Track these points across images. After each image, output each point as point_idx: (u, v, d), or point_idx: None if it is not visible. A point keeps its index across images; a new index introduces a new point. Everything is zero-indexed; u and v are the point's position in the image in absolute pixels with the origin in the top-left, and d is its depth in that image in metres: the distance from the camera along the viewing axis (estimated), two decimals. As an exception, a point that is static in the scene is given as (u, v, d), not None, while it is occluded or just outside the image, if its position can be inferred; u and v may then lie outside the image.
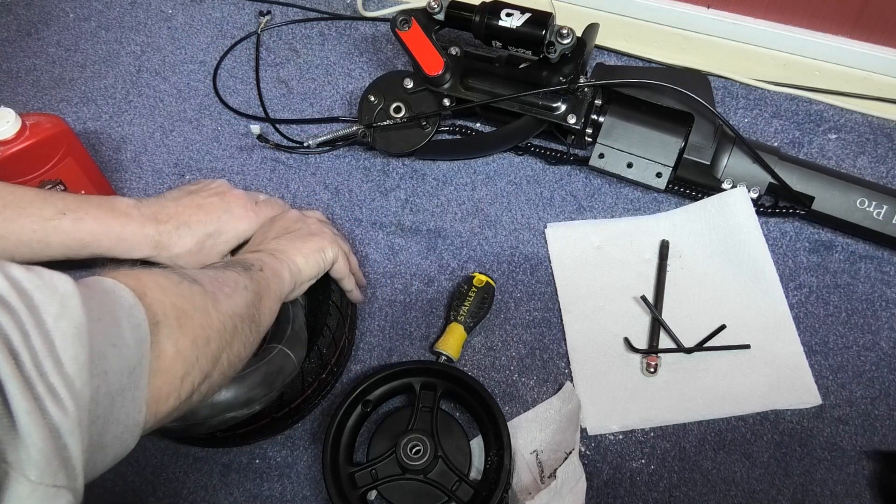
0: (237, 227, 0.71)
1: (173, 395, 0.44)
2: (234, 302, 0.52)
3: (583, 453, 0.72)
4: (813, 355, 0.76)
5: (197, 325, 0.46)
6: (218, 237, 0.70)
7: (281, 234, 0.68)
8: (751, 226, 0.82)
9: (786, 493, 0.70)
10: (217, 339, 0.48)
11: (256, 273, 0.58)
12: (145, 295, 0.43)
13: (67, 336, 0.35)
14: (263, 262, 0.60)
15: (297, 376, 0.67)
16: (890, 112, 0.92)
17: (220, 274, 0.54)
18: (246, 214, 0.72)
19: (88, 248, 0.66)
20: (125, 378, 0.39)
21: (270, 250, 0.64)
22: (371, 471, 0.69)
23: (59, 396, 0.33)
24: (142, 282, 0.44)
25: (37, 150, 0.75)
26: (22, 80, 1.02)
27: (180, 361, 0.44)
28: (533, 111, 0.85)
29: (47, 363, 0.33)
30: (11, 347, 0.32)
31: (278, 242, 0.66)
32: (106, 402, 0.37)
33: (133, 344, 0.40)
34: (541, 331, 0.80)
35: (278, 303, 0.61)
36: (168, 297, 0.45)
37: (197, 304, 0.47)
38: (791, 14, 0.90)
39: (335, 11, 1.07)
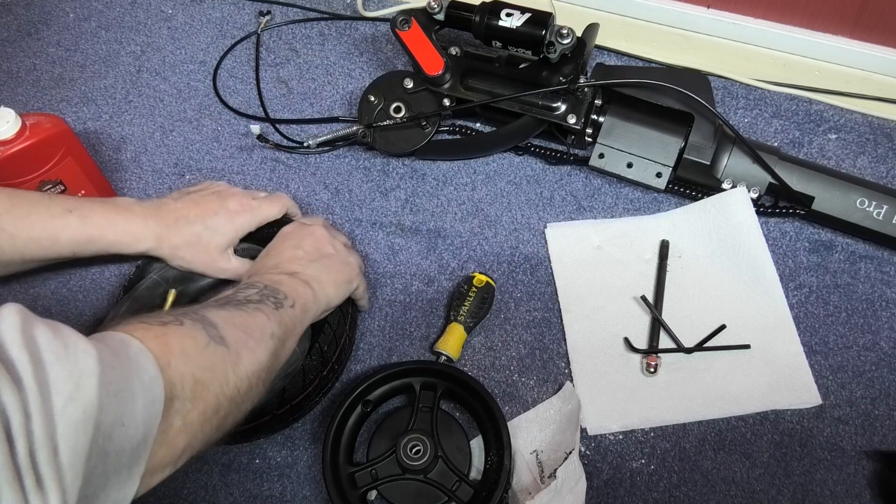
0: (234, 221, 0.72)
1: (169, 465, 0.43)
2: (257, 358, 0.52)
3: (583, 453, 0.72)
4: (813, 355, 0.76)
5: (211, 395, 0.46)
6: (215, 230, 0.72)
7: (316, 258, 0.68)
8: (751, 226, 0.82)
9: (786, 493, 0.70)
10: (227, 405, 0.48)
11: (287, 312, 0.58)
12: (168, 365, 0.43)
13: (71, 422, 0.34)
14: (298, 293, 0.61)
15: (298, 374, 0.68)
16: (890, 112, 0.92)
17: (251, 320, 0.53)
18: (243, 210, 0.73)
19: (95, 242, 0.68)
20: (125, 457, 0.39)
21: (306, 278, 0.64)
22: (371, 471, 0.69)
23: (46, 491, 0.32)
24: (169, 347, 0.44)
25: (37, 150, 0.75)
26: (22, 80, 1.02)
27: (184, 435, 0.44)
28: (533, 111, 0.85)
29: (42, 453, 0.33)
30: (9, 433, 0.32)
31: (315, 269, 0.66)
32: (100, 481, 0.37)
33: (142, 422, 0.40)
34: (541, 331, 0.80)
35: (298, 338, 0.61)
36: (189, 367, 0.45)
37: (217, 372, 0.47)
38: (791, 14, 0.90)
39: (335, 11, 1.07)
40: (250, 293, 0.58)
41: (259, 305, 0.56)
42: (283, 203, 0.77)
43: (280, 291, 0.59)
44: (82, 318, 0.82)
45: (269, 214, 0.75)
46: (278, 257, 0.68)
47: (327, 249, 0.70)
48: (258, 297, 0.57)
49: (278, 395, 0.67)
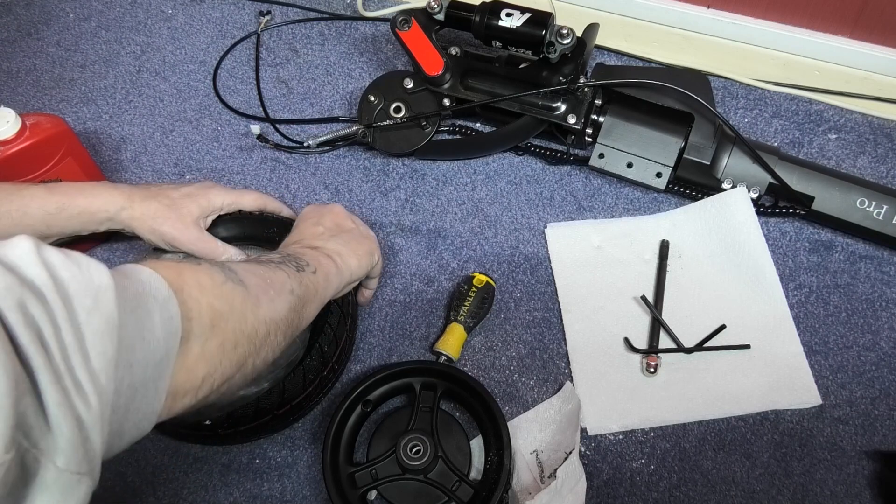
0: (208, 194, 0.74)
1: (190, 393, 0.44)
2: (276, 307, 0.52)
3: (583, 453, 0.72)
4: (813, 355, 0.76)
5: (229, 329, 0.46)
6: (189, 197, 0.73)
7: (336, 233, 0.69)
8: (751, 226, 0.82)
9: (786, 493, 0.70)
10: (246, 344, 0.48)
11: (308, 276, 0.58)
12: (182, 290, 0.44)
13: (97, 331, 0.35)
14: (320, 263, 0.61)
15: (298, 373, 0.68)
16: (890, 112, 0.92)
17: (271, 274, 0.54)
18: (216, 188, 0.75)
19: (66, 210, 0.68)
20: (150, 370, 0.40)
21: (329, 250, 0.65)
22: (371, 471, 0.69)
23: (85, 391, 0.34)
24: (182, 277, 0.45)
25: (37, 150, 0.75)
26: (22, 80, 1.02)
27: (203, 363, 0.44)
28: (533, 111, 0.85)
29: (76, 358, 0.34)
30: (43, 340, 0.33)
31: (336, 243, 0.67)
32: (129, 393, 0.38)
33: (162, 337, 0.41)
34: (541, 331, 0.80)
35: (321, 306, 0.61)
36: (205, 297, 0.45)
37: (235, 307, 0.47)
38: (791, 14, 0.90)
39: (335, 11, 1.07)
40: (272, 257, 0.59)
41: (280, 265, 0.56)
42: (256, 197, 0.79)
43: (302, 259, 0.60)
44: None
45: (245, 200, 0.77)
46: (300, 235, 0.69)
47: (347, 224, 0.71)
48: (279, 260, 0.58)
49: (278, 394, 0.67)
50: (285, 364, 0.68)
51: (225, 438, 0.71)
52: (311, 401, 0.72)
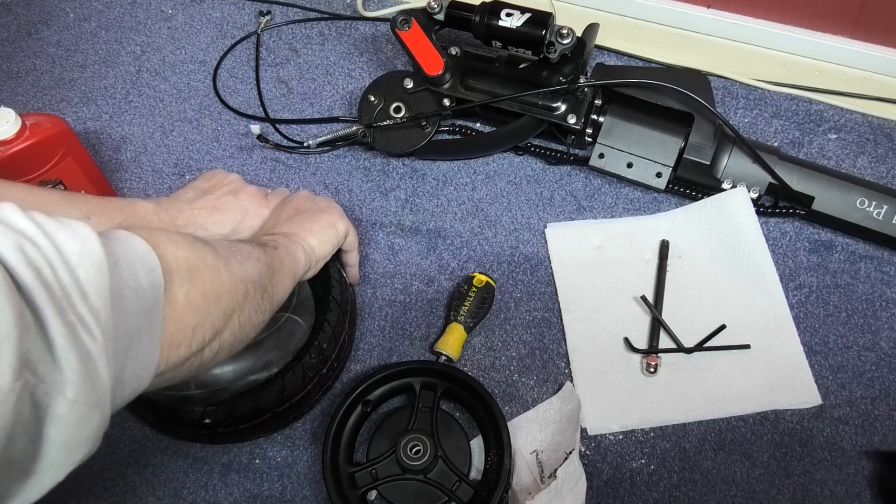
0: (253, 225, 0.72)
1: (184, 343, 0.45)
2: (246, 269, 0.53)
3: (583, 453, 0.72)
4: (813, 355, 0.76)
5: (208, 281, 0.47)
6: (234, 237, 0.71)
7: (292, 216, 0.69)
8: (751, 226, 0.82)
9: (786, 493, 0.70)
10: (228, 298, 0.49)
11: (270, 250, 0.59)
12: (157, 245, 0.44)
13: (90, 272, 0.36)
14: (278, 242, 0.62)
15: (297, 371, 0.68)
16: (890, 112, 0.92)
17: (233, 244, 0.55)
18: (260, 212, 0.73)
19: None
20: (142, 318, 0.40)
21: (283, 233, 0.65)
22: (371, 471, 0.69)
23: (88, 324, 0.35)
24: (155, 235, 0.46)
25: (37, 150, 0.75)
26: (22, 80, 1.02)
27: (192, 311, 0.45)
28: (533, 111, 0.85)
29: (75, 295, 0.35)
30: (43, 279, 0.33)
31: (290, 225, 0.67)
32: (125, 339, 0.38)
33: (148, 287, 0.41)
34: (541, 331, 0.80)
35: (293, 281, 0.61)
36: (181, 251, 0.46)
37: (209, 263, 0.48)
38: (791, 14, 0.90)
39: (335, 11, 1.07)
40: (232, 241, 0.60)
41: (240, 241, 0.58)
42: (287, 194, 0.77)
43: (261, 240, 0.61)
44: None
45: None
46: (261, 230, 0.70)
47: (304, 205, 0.71)
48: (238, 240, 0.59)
49: (277, 392, 0.67)
50: (293, 349, 0.69)
51: (224, 437, 0.71)
52: (310, 399, 0.72)
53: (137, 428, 0.75)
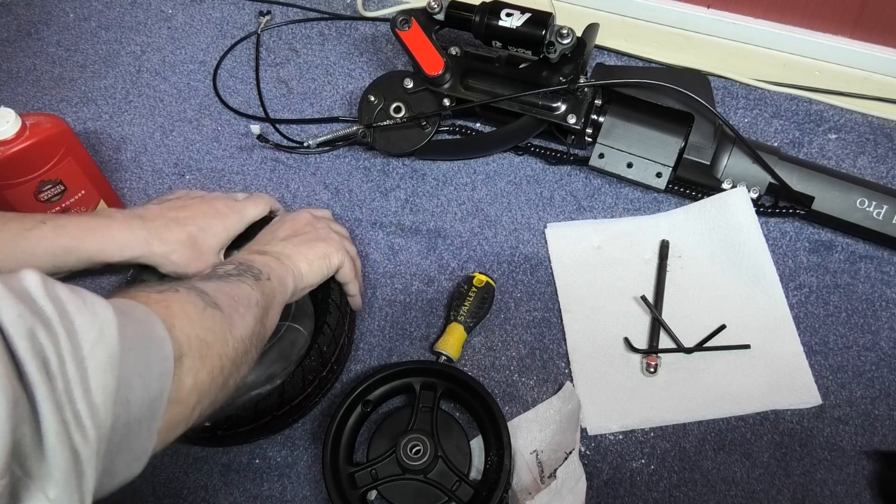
0: (224, 223, 0.72)
1: (183, 423, 0.45)
2: (247, 323, 0.53)
3: (583, 453, 0.72)
4: (813, 355, 0.76)
5: (215, 356, 0.47)
6: (207, 231, 0.71)
7: (289, 237, 0.69)
8: (751, 226, 0.82)
9: (786, 493, 0.70)
10: (230, 366, 0.49)
11: (265, 283, 0.58)
12: (174, 326, 0.44)
13: (100, 364, 0.36)
14: (270, 268, 0.61)
15: (297, 375, 0.68)
16: (890, 112, 0.92)
17: (236, 290, 0.54)
18: (230, 212, 0.73)
19: (74, 252, 0.65)
20: (145, 408, 0.40)
21: (276, 253, 0.65)
22: (371, 471, 0.69)
23: (84, 424, 0.34)
24: (172, 311, 0.46)
25: (37, 150, 0.75)
26: (22, 80, 1.02)
27: (196, 393, 0.45)
28: (533, 111, 0.85)
29: (77, 390, 0.34)
30: (48, 370, 0.33)
31: (285, 245, 0.67)
32: (123, 430, 0.38)
33: (157, 376, 0.41)
34: (541, 331, 0.80)
35: (280, 310, 0.61)
36: (194, 329, 0.46)
37: (217, 334, 0.48)
38: (791, 14, 0.90)
39: (335, 11, 1.07)
40: (228, 269, 0.59)
41: (240, 278, 0.57)
42: (265, 201, 0.77)
43: (254, 267, 0.60)
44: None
45: (255, 213, 0.76)
46: (257, 243, 0.70)
47: (303, 229, 0.70)
48: (237, 272, 0.58)
49: (278, 395, 0.67)
50: (296, 358, 0.68)
51: (224, 440, 0.71)
52: (310, 401, 0.72)
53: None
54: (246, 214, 0.75)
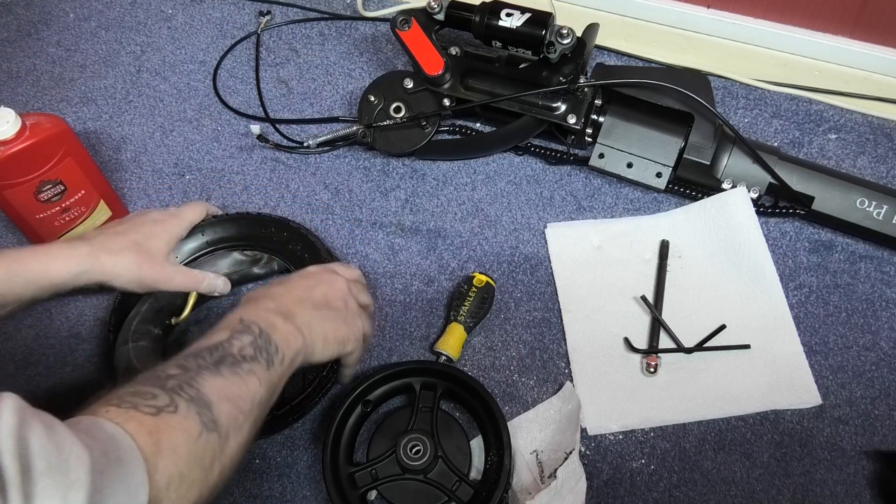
0: (164, 226, 0.71)
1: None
2: (243, 435, 0.51)
3: (583, 453, 0.72)
4: (813, 355, 0.76)
5: (195, 491, 0.46)
6: (150, 236, 0.70)
7: (321, 306, 0.64)
8: (751, 226, 0.82)
9: (786, 493, 0.70)
10: (209, 494, 0.48)
11: (276, 369, 0.56)
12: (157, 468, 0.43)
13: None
14: (288, 343, 0.58)
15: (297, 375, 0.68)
16: (890, 112, 0.92)
17: (243, 388, 0.52)
18: (168, 216, 0.73)
19: (19, 275, 0.62)
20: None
21: (300, 323, 0.61)
22: (371, 471, 0.69)
23: None
24: (160, 447, 0.44)
25: (37, 150, 0.75)
26: (22, 80, 1.02)
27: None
28: (533, 111, 0.85)
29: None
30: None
31: (312, 317, 0.63)
32: None
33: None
34: (541, 331, 0.80)
35: None
36: (178, 467, 0.45)
37: (205, 465, 0.47)
38: (791, 14, 0.90)
39: (335, 11, 1.07)
40: (245, 343, 0.56)
41: (253, 366, 0.54)
42: (202, 205, 0.78)
43: (272, 342, 0.57)
44: (83, 318, 0.82)
45: (193, 216, 0.77)
46: (288, 293, 0.64)
47: (336, 303, 0.66)
48: (253, 350, 0.55)
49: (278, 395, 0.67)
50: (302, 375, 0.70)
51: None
52: (310, 401, 0.72)
53: (137, 428, 0.75)
54: (184, 217, 0.75)
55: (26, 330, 0.82)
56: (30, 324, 0.82)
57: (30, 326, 0.82)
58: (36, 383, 0.78)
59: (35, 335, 0.81)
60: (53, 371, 0.79)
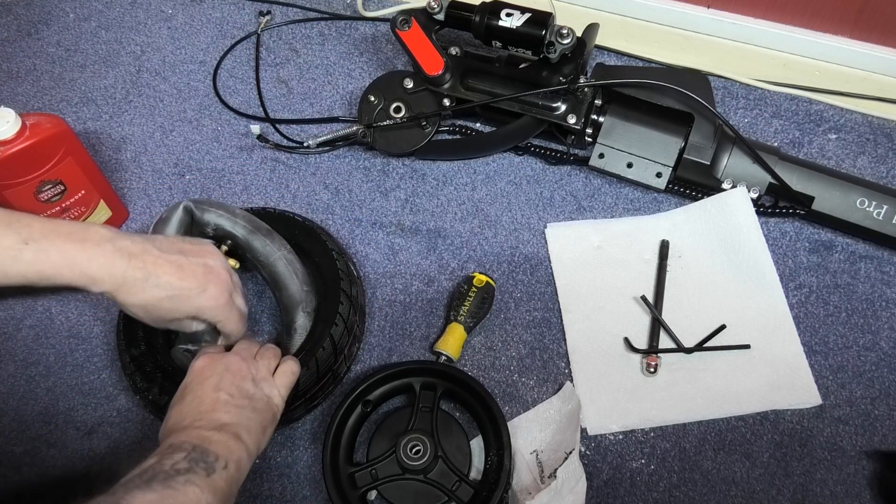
0: (201, 304, 0.64)
1: None
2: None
3: (583, 453, 0.72)
4: (813, 355, 0.76)
5: None
6: (178, 303, 0.63)
7: (241, 402, 0.61)
8: (751, 226, 0.82)
9: (786, 493, 0.70)
10: None
11: (220, 475, 0.54)
12: None
13: None
14: (230, 451, 0.56)
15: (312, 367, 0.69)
16: (890, 112, 0.92)
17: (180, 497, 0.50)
18: (217, 301, 0.64)
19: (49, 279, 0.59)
20: None
21: (236, 430, 0.58)
22: (371, 471, 0.69)
23: None
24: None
25: (37, 150, 0.75)
26: (22, 80, 1.02)
27: None
28: (533, 111, 0.85)
29: None
30: None
31: (243, 416, 0.60)
32: None
33: None
34: (541, 331, 0.80)
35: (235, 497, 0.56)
36: None
37: None
38: (791, 14, 0.90)
39: (335, 11, 1.07)
40: (178, 459, 0.53)
41: (189, 476, 0.52)
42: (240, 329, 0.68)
43: (210, 452, 0.55)
44: (83, 318, 0.82)
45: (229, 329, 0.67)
46: (200, 405, 0.61)
47: (249, 388, 0.63)
48: (188, 463, 0.53)
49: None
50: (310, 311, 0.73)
51: None
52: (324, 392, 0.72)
53: (138, 428, 0.75)
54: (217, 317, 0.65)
55: (26, 330, 0.82)
56: (30, 324, 0.82)
57: (30, 326, 0.82)
58: (36, 383, 0.78)
59: (35, 335, 0.81)
60: (53, 371, 0.79)
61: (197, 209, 0.74)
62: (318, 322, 0.73)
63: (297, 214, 0.82)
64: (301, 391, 0.68)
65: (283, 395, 0.65)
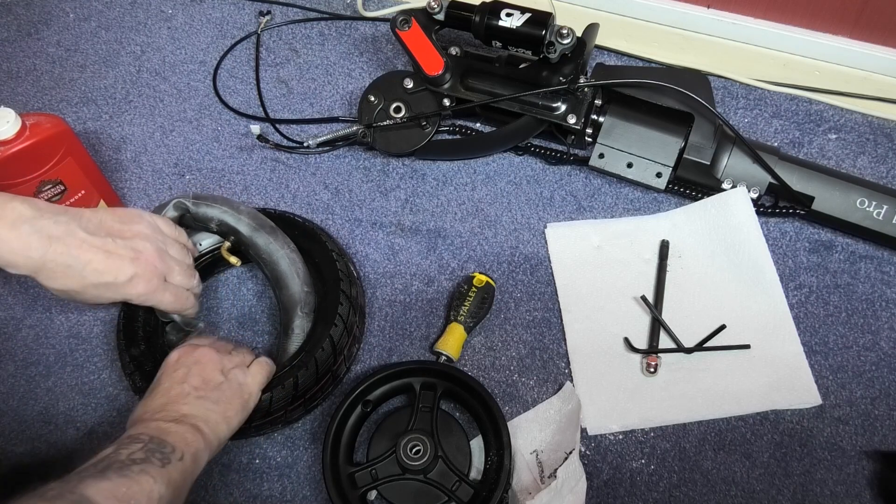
0: (128, 292, 0.62)
1: None
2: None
3: (583, 453, 0.72)
4: (813, 355, 0.76)
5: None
6: (105, 290, 0.61)
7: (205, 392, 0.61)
8: (751, 226, 0.82)
9: (786, 493, 0.70)
10: None
11: (175, 466, 0.53)
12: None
13: None
14: (187, 443, 0.56)
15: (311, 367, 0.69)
16: (890, 112, 0.92)
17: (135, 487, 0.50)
18: (146, 288, 0.63)
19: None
20: None
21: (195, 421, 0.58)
22: (371, 471, 0.69)
23: None
24: None
25: (37, 150, 0.75)
26: (22, 80, 1.02)
27: None
28: (533, 111, 0.85)
29: None
30: None
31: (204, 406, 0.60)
32: None
33: None
34: (541, 331, 0.80)
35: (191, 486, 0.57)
36: None
37: None
38: (791, 14, 0.90)
39: (335, 11, 1.07)
40: (134, 449, 0.53)
41: (144, 466, 0.52)
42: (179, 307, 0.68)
43: (166, 444, 0.54)
44: (83, 318, 0.82)
45: (166, 310, 0.67)
46: (166, 396, 0.61)
47: (216, 378, 0.63)
48: (143, 454, 0.53)
49: (292, 387, 0.68)
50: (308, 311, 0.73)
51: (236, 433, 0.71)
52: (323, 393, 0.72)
53: (137, 428, 0.75)
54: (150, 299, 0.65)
55: (26, 330, 0.82)
56: (30, 324, 0.82)
57: (30, 326, 0.82)
58: (36, 383, 0.78)
59: (35, 335, 0.81)
60: (53, 371, 0.79)
61: (196, 205, 0.74)
62: (317, 322, 0.73)
63: (297, 215, 0.82)
64: (301, 391, 0.68)
65: (258, 382, 0.65)
